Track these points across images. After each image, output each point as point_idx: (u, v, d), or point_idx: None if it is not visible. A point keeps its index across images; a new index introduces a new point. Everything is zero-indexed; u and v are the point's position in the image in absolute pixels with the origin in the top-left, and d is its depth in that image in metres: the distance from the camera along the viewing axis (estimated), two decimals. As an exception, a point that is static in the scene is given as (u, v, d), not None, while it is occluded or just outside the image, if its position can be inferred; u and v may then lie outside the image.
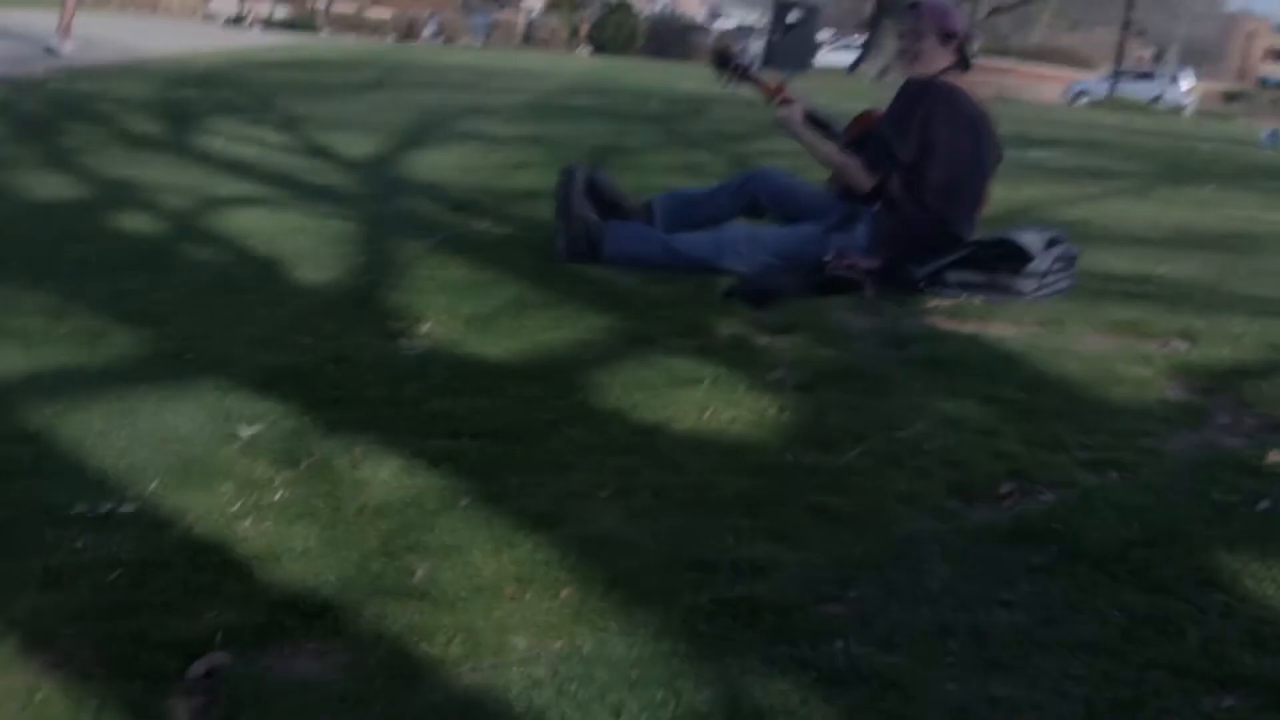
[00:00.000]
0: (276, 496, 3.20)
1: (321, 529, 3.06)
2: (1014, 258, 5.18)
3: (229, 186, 7.23)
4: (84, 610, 2.69)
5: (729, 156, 9.18)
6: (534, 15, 44.36)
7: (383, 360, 4.27)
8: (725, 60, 5.91)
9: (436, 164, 8.52)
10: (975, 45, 5.42)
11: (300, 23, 37.46)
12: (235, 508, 3.14)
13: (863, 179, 5.29)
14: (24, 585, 2.78)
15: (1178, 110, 39.33)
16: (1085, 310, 5.03)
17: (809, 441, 3.59)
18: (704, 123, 8.74)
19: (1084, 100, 42.36)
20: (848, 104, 17.11)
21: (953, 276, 5.21)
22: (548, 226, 5.89)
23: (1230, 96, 67.42)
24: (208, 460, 3.40)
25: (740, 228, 5.49)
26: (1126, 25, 47.10)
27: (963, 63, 5.33)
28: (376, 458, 3.42)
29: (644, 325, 4.66)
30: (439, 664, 2.54)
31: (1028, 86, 54.38)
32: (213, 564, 2.90)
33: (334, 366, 4.14)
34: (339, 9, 45.21)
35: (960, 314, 4.98)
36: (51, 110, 10.50)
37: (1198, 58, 79.53)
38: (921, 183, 5.22)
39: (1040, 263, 5.18)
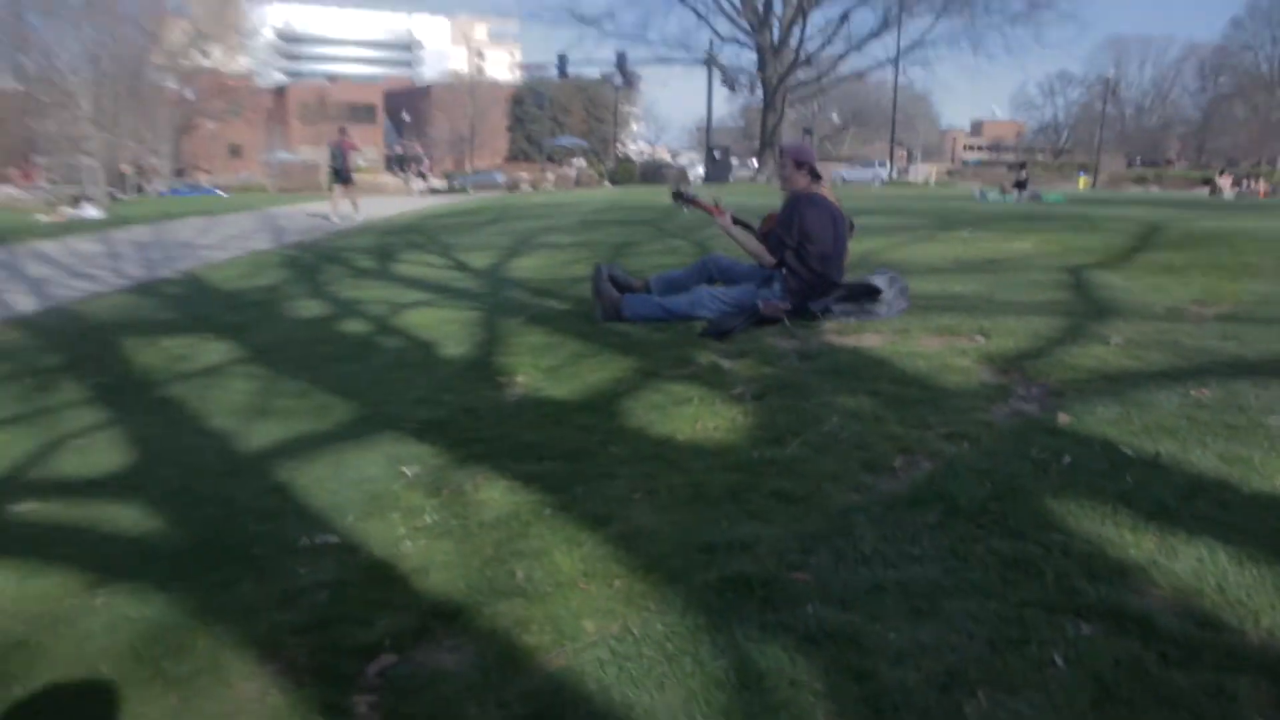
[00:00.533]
0: (427, 520, 2.64)
1: (456, 543, 2.49)
2: (871, 293, 4.59)
3: (409, 295, 6.65)
4: (301, 626, 2.15)
5: (692, 242, 8.53)
6: (580, 168, 44.05)
7: (494, 407, 3.69)
8: (678, 195, 5.53)
9: (526, 266, 7.89)
10: (816, 163, 4.85)
11: (455, 188, 37.25)
12: (400, 532, 2.58)
13: (769, 259, 4.87)
14: (267, 607, 2.24)
15: (878, 183, 39.79)
16: (918, 321, 4.43)
17: (766, 440, 3.01)
18: (675, 224, 8.14)
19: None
20: (756, 199, 16.59)
21: (836, 308, 4.64)
22: (587, 302, 5.29)
23: (950, 173, 70.52)
24: (384, 495, 2.84)
25: (704, 291, 4.93)
26: (892, 139, 46.89)
27: (815, 176, 4.84)
28: (490, 482, 2.86)
29: (652, 363, 4.08)
30: (535, 651, 1.98)
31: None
32: (385, 580, 2.34)
33: (464, 415, 3.56)
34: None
35: (843, 332, 4.39)
36: (318, 259, 9.93)
37: (931, 153, 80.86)
38: (806, 256, 4.71)
39: (888, 294, 4.59)
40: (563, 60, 40.64)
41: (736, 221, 5.03)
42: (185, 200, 28.37)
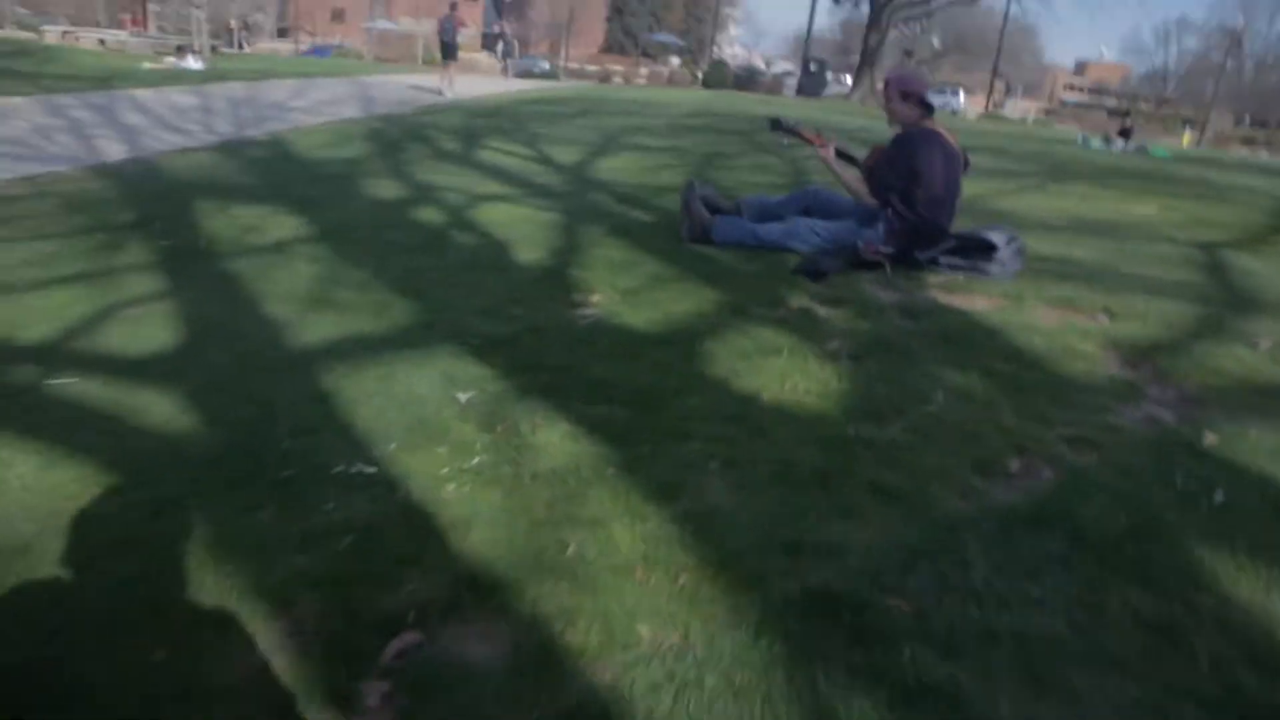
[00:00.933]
0: (475, 461, 2.30)
1: (505, 494, 2.15)
2: (985, 249, 4.06)
3: (488, 186, 6.24)
4: (319, 578, 1.85)
5: (786, 160, 7.93)
6: (675, 66, 42.57)
7: (564, 329, 3.30)
8: (778, 124, 4.81)
9: (612, 168, 7.39)
10: (927, 93, 4.20)
11: (550, 74, 36.05)
12: (444, 470, 2.25)
13: (869, 199, 4.33)
14: (286, 547, 1.95)
15: (955, 113, 37.58)
16: (1033, 287, 3.90)
17: (863, 414, 2.58)
18: (767, 139, 7.51)
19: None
20: (849, 119, 15.67)
21: (944, 260, 4.12)
22: (674, 216, 4.84)
23: (1048, 112, 67.58)
24: (433, 422, 2.50)
25: (801, 222, 4.44)
26: (995, 71, 44.30)
27: (926, 109, 4.25)
28: (550, 423, 2.50)
29: (740, 298, 3.65)
30: (580, 654, 1.64)
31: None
32: (419, 531, 2.01)
33: (531, 335, 3.19)
34: (570, 65, 44.48)
35: (951, 289, 3.90)
36: (403, 135, 9.55)
37: (1030, 89, 77.23)
38: (913, 199, 4.16)
39: (1002, 253, 4.05)
40: (669, -46, 38.95)
41: (840, 155, 4.51)
42: (289, 61, 27.99)
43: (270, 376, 2.83)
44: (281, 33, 56.86)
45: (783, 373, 2.84)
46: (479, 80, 23.71)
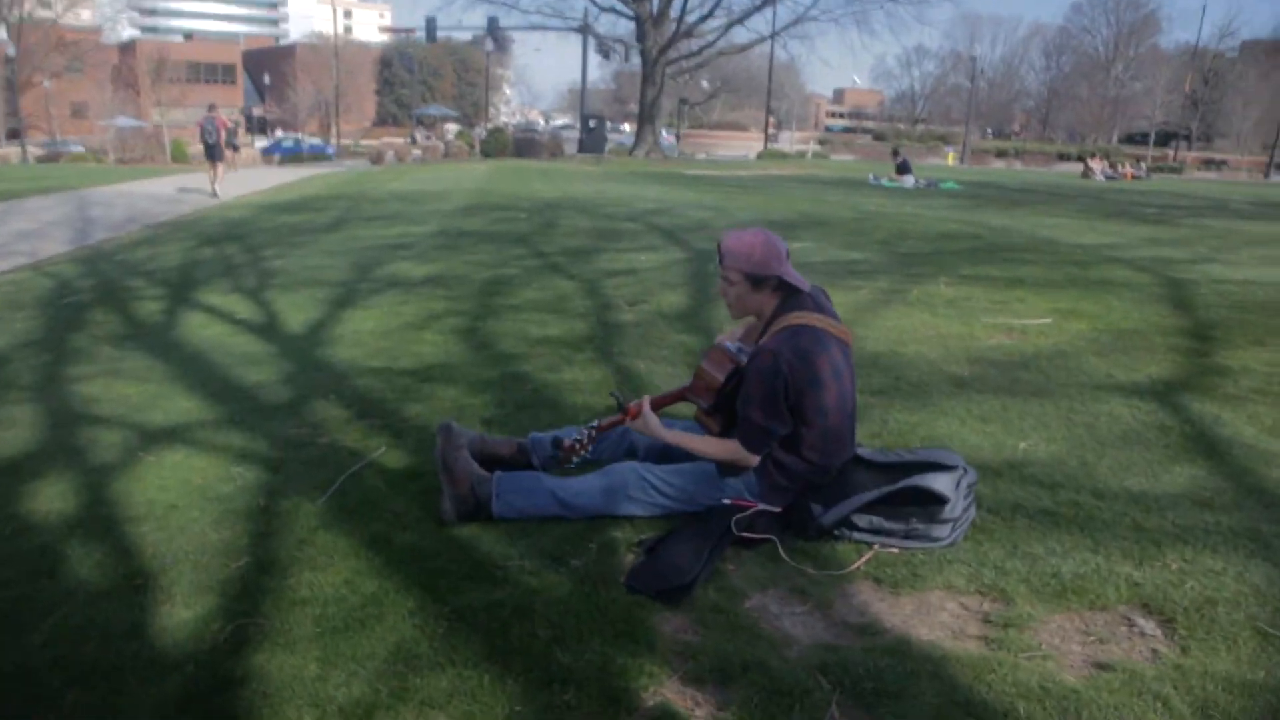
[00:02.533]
0: None
1: None
2: (928, 501, 2.54)
3: (170, 409, 4.26)
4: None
5: (584, 282, 6.30)
6: (451, 137, 40.80)
7: None
8: (572, 451, 2.81)
9: (355, 334, 5.36)
10: (785, 265, 2.61)
11: (320, 153, 33.55)
12: None
13: (748, 459, 2.68)
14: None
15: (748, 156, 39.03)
16: (1009, 555, 2.43)
17: None
18: (557, 246, 5.84)
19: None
20: (634, 180, 14.35)
21: (862, 520, 2.57)
22: (430, 441, 3.12)
23: (821, 142, 71.06)
24: None
25: (628, 469, 2.78)
26: (768, 111, 45.60)
27: (789, 291, 2.69)
28: None
29: (549, 695, 1.92)
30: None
31: (722, 144, 54.82)
32: None
33: None
34: (344, 142, 42.23)
35: (883, 581, 2.36)
36: (95, 292, 7.34)
37: (799, 121, 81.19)
38: (797, 441, 2.64)
39: (955, 502, 2.54)
40: (431, 23, 37.30)
41: (659, 402, 2.84)
42: (15, 170, 24.08)
43: None
44: (12, 134, 50.75)
45: None
46: (249, 174, 21.35)
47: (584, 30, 36.98)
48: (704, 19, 38.85)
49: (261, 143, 51.80)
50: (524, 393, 4.08)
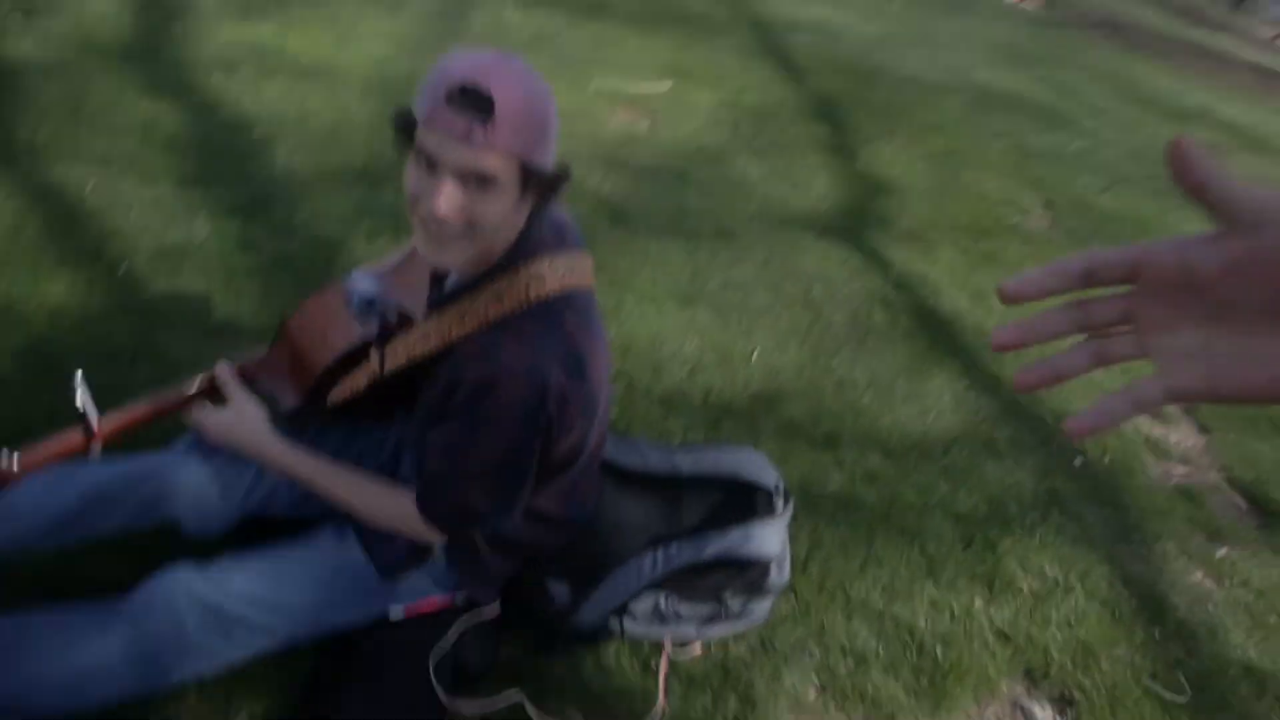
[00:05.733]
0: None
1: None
2: (744, 568, 1.58)
3: None
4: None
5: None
6: None
7: None
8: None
9: None
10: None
11: None
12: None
13: (425, 535, 1.33)
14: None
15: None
16: (859, 627, 1.63)
17: None
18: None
19: None
20: None
21: (639, 607, 1.56)
22: None
23: None
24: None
25: (176, 593, 1.27)
26: None
27: (538, 208, 1.21)
28: None
29: None
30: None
31: None
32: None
33: None
34: None
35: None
36: None
37: None
38: (532, 493, 1.34)
39: (783, 564, 1.61)
40: None
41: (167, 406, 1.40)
42: None
43: None
44: None
45: None
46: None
47: None
48: None
49: None
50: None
